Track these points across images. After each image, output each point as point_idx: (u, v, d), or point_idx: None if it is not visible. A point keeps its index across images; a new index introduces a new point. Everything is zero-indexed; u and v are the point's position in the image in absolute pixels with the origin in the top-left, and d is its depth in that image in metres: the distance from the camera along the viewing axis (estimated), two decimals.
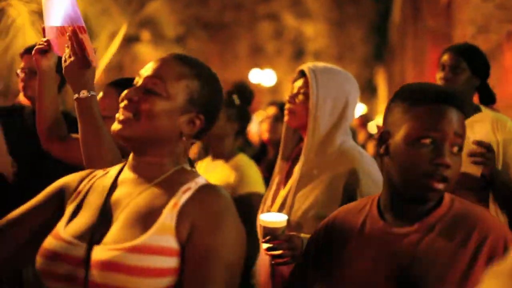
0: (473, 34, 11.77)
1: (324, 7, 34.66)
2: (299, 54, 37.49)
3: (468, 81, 3.72)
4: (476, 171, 3.48)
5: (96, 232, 2.06)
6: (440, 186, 2.21)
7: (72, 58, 2.79)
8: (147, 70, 2.17)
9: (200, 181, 2.12)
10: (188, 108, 2.17)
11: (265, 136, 6.42)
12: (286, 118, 3.43)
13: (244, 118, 5.00)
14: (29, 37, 9.05)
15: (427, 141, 2.21)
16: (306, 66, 3.36)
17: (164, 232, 1.96)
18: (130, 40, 16.66)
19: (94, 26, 11.74)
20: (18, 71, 4.64)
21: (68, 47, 2.82)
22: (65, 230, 2.12)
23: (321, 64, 3.39)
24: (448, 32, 17.08)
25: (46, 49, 3.10)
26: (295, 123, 3.36)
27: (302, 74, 3.40)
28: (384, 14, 38.79)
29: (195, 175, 2.16)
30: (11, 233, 2.23)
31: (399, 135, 2.29)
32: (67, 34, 2.79)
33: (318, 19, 35.28)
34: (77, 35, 2.71)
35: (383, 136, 2.38)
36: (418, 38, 24.12)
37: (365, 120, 12.96)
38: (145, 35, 17.64)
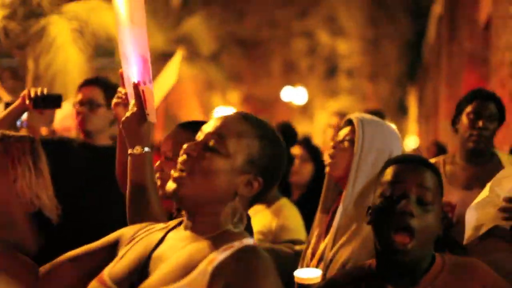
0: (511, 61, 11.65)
1: (359, 25, 34.62)
2: (331, 72, 37.48)
3: (495, 131, 3.70)
4: (506, 224, 3.44)
5: (135, 279, 2.06)
6: (402, 237, 2.32)
7: (134, 110, 2.71)
8: (209, 126, 2.13)
9: (246, 241, 2.06)
10: (247, 169, 2.09)
11: (291, 177, 5.99)
12: (327, 167, 3.34)
13: (287, 161, 4.92)
14: (70, 55, 9.20)
15: (388, 192, 2.38)
16: (354, 116, 3.31)
17: (195, 286, 1.94)
18: (165, 57, 16.73)
19: None
20: (75, 104, 4.61)
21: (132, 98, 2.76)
22: (109, 272, 2.13)
23: (368, 116, 3.33)
24: (485, 55, 16.93)
25: (126, 102, 3.06)
26: (336, 172, 3.27)
27: (349, 122, 3.34)
28: (419, 34, 38.60)
29: (244, 235, 2.11)
30: (62, 273, 2.27)
31: (374, 198, 2.48)
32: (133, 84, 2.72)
33: (352, 36, 35.24)
34: (139, 87, 2.70)
35: (369, 208, 2.52)
36: (453, 59, 23.92)
37: None
38: (181, 52, 17.71)
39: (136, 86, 2.69)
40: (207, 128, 2.13)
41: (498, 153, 3.81)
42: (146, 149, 2.72)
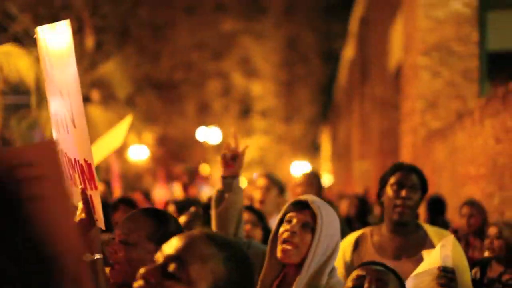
0: (422, 109, 12.05)
1: (273, 67, 35.11)
2: (245, 112, 37.75)
3: (419, 202, 3.77)
4: None
5: None
6: None
7: (82, 216, 2.59)
8: (170, 246, 1.90)
9: None
10: None
11: (257, 205, 5.81)
12: (282, 253, 3.21)
13: None
14: None
15: None
16: (310, 199, 3.22)
17: None
18: None
19: (42, 85, 11.51)
20: None
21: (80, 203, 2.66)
22: None
23: (318, 199, 3.27)
24: (395, 101, 17.45)
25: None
26: (294, 258, 3.18)
27: (302, 205, 3.23)
28: (331, 76, 39.53)
29: None
30: None
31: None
32: (80, 188, 2.65)
33: (266, 78, 35.68)
34: (86, 194, 2.60)
35: None
36: (364, 102, 24.57)
37: None
38: (95, 95, 17.49)
39: (83, 192, 2.60)
40: (168, 249, 1.90)
41: (424, 225, 3.88)
42: (97, 255, 2.58)
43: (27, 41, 18.48)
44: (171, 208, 7.01)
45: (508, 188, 6.67)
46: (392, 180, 3.75)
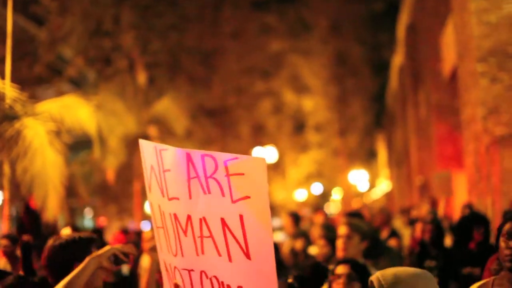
0: (484, 115, 11.81)
1: (323, 82, 35.03)
2: (299, 128, 37.73)
3: None
4: None
5: None
6: None
7: None
8: None
9: None
10: None
11: (340, 253, 5.74)
12: None
13: None
14: (48, 157, 9.06)
15: None
16: (375, 278, 3.15)
17: None
18: (138, 139, 16.60)
19: (103, 130, 11.72)
20: None
21: None
22: None
23: (390, 271, 3.16)
24: (453, 107, 17.20)
25: None
26: None
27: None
28: (382, 85, 39.25)
29: None
30: None
31: None
32: None
33: (317, 93, 35.61)
34: None
35: None
36: (419, 109, 24.27)
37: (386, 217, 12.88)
38: (153, 132, 17.73)
39: None
40: None
41: None
42: None
43: (82, 84, 18.98)
44: None
45: None
46: (503, 230, 3.73)
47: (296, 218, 10.85)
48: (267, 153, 32.58)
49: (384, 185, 45.19)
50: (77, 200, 16.95)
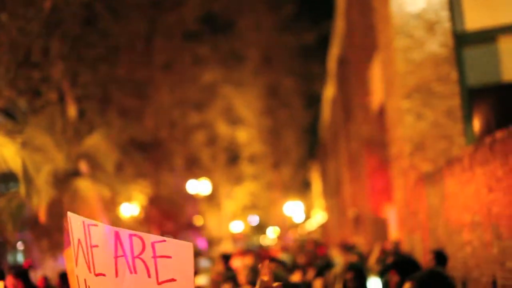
0: (410, 152, 12.07)
1: (256, 114, 35.22)
2: (233, 160, 37.77)
3: None
4: None
5: None
6: None
7: None
8: None
9: None
10: None
11: None
12: None
13: None
14: None
15: None
16: None
17: None
18: (68, 175, 16.43)
19: (30, 167, 11.43)
20: None
21: None
22: None
23: None
24: (382, 140, 17.52)
25: None
26: None
27: None
28: (315, 116, 39.71)
29: None
30: None
31: None
32: None
33: (250, 125, 35.77)
34: None
35: None
36: (350, 142, 24.66)
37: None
38: (83, 167, 17.46)
39: None
40: None
41: None
42: None
43: (13, 114, 18.49)
44: None
45: (505, 237, 6.63)
46: None
47: (227, 259, 10.88)
48: (202, 186, 32.49)
49: (319, 216, 45.54)
50: (4, 235, 16.45)
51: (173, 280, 2.95)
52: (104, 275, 3.17)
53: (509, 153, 6.25)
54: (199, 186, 32.24)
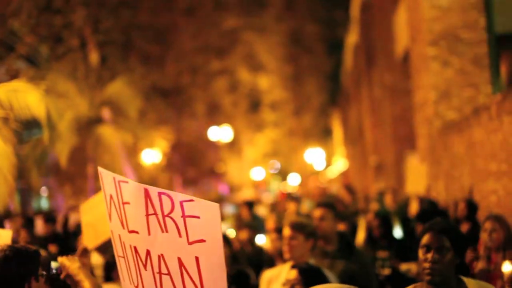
0: (435, 100, 11.93)
1: (278, 60, 34.98)
2: (254, 107, 37.70)
3: (452, 261, 3.69)
4: None
5: None
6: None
7: None
8: None
9: None
10: None
11: (285, 256, 5.72)
12: None
13: None
14: None
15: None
16: None
17: None
18: (90, 122, 16.49)
19: (53, 114, 11.45)
20: None
21: None
22: None
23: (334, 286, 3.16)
24: (405, 87, 17.33)
25: None
26: None
27: None
28: (337, 63, 39.35)
29: None
30: None
31: None
32: None
33: (272, 71, 35.58)
34: None
35: None
36: (373, 88, 24.43)
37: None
38: (106, 114, 17.51)
39: None
40: None
41: (465, 279, 3.79)
42: None
43: (36, 60, 18.52)
44: None
45: None
46: (422, 242, 3.73)
47: (252, 206, 10.99)
48: (223, 132, 32.55)
49: (340, 164, 45.55)
50: (29, 182, 16.66)
51: (202, 241, 2.94)
52: (137, 232, 3.17)
53: None
54: (220, 133, 32.29)
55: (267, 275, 5.36)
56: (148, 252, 3.13)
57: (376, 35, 22.83)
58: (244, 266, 6.77)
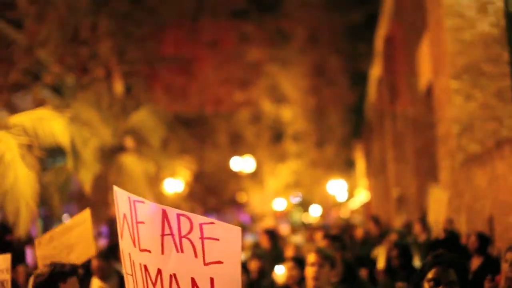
0: (458, 133, 11.90)
1: (301, 92, 35.10)
2: (277, 138, 37.77)
3: None
4: None
5: None
6: None
7: None
8: None
9: None
10: None
11: (310, 282, 5.65)
12: None
13: None
14: (20, 171, 8.94)
15: None
16: None
17: None
18: (114, 150, 16.65)
19: (77, 142, 11.59)
20: None
21: None
22: None
23: None
24: (428, 121, 17.29)
25: None
26: None
27: None
28: (360, 95, 39.40)
29: None
30: None
31: None
32: None
33: (295, 103, 35.68)
34: None
35: None
36: (396, 121, 24.42)
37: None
38: (129, 143, 17.68)
39: None
40: None
41: None
42: None
43: (60, 90, 18.80)
44: None
45: None
46: (429, 275, 3.69)
47: (272, 235, 10.97)
48: (245, 163, 32.63)
49: (362, 195, 45.33)
50: (51, 208, 16.80)
51: (219, 262, 3.00)
52: (149, 251, 3.22)
53: None
54: (242, 163, 32.37)
55: None
56: (159, 271, 3.19)
57: (399, 69, 22.88)
58: None
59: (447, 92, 12.51)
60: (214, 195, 30.20)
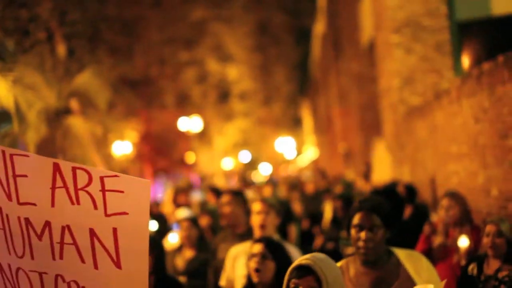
0: (399, 86, 12.18)
1: (246, 51, 35.05)
2: (224, 97, 37.78)
3: (383, 237, 3.81)
4: None
5: None
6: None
7: None
8: None
9: None
10: None
11: (257, 230, 5.73)
12: None
13: None
14: None
15: None
16: (312, 263, 3.22)
17: None
18: (59, 113, 16.44)
19: (22, 104, 11.48)
20: None
21: None
22: None
23: (317, 258, 3.26)
24: (372, 75, 17.58)
25: None
26: None
27: (305, 271, 3.23)
28: (305, 53, 39.54)
29: None
30: None
31: None
32: None
33: (241, 62, 35.66)
34: None
35: None
36: (341, 77, 24.71)
37: None
38: (75, 105, 17.47)
39: None
40: None
41: (395, 251, 3.91)
42: None
43: (2, 54, 18.35)
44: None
45: (491, 166, 6.81)
46: (354, 221, 3.82)
47: (217, 192, 11.13)
48: (193, 123, 32.57)
49: (310, 152, 45.81)
50: None
51: (124, 213, 3.07)
52: (34, 204, 3.22)
53: (496, 84, 6.36)
54: (190, 123, 32.31)
55: (233, 252, 5.45)
56: (47, 223, 3.19)
57: (342, 24, 23.07)
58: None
59: (388, 46, 12.76)
60: (163, 156, 30.14)
